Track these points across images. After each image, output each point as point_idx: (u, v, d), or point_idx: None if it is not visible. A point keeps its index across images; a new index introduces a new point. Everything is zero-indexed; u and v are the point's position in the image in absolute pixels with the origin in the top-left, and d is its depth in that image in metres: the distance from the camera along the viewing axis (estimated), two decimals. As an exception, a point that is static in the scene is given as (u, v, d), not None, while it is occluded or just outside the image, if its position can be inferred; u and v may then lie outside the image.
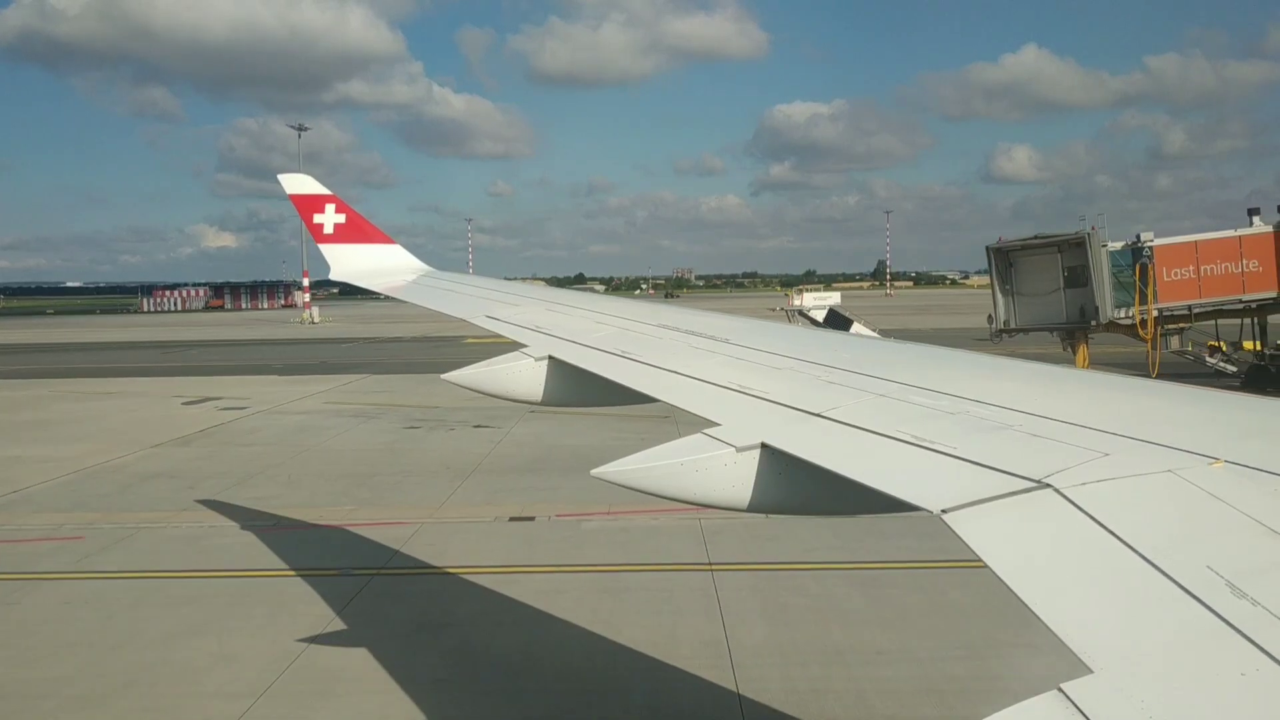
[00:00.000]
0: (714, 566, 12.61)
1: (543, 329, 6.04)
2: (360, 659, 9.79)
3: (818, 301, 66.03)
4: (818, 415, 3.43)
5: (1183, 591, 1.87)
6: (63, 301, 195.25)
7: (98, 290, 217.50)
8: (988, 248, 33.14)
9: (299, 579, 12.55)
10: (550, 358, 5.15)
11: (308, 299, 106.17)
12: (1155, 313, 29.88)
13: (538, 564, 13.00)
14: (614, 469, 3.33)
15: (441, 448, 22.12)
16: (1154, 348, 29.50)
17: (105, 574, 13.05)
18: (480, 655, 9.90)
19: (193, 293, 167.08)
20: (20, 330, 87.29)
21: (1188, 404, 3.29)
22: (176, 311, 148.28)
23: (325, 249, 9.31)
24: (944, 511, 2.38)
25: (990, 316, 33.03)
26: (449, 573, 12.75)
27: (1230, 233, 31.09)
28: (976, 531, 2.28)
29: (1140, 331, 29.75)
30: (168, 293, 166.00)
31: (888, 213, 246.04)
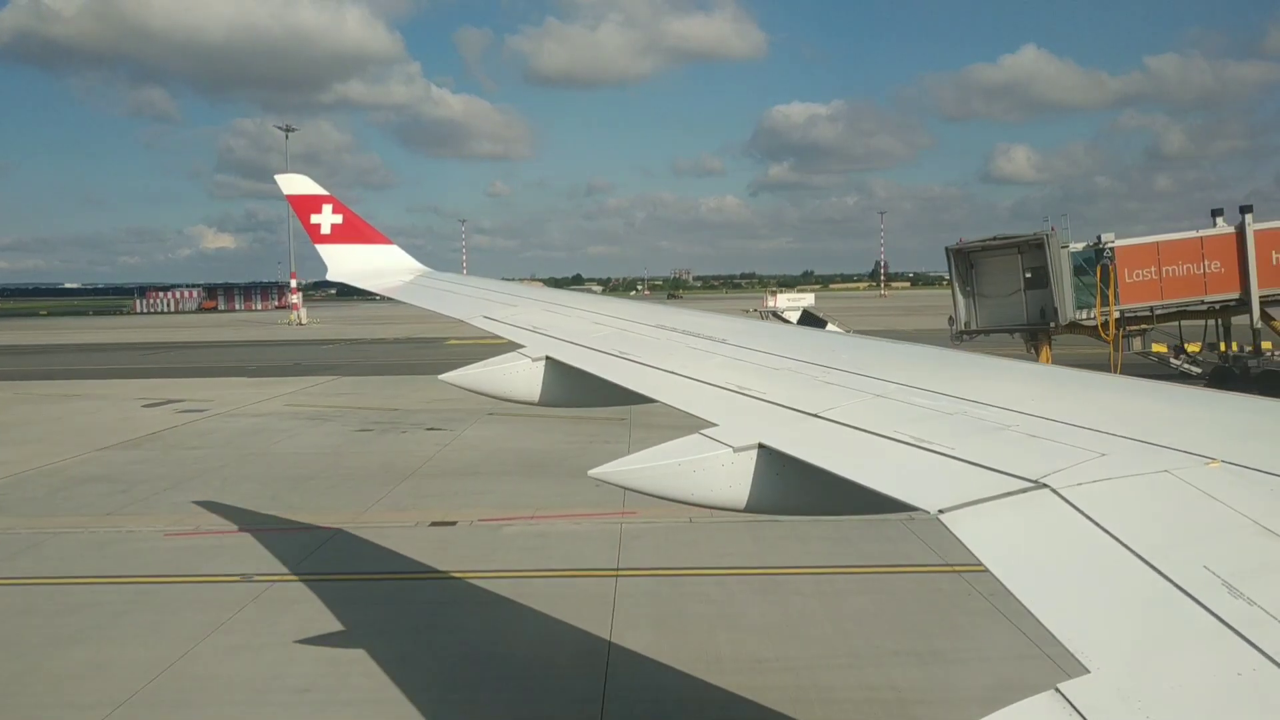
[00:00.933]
0: (621, 572, 12.46)
1: (540, 329, 6.04)
2: (233, 668, 9.61)
3: (791, 303, 66.97)
4: (815, 416, 3.43)
5: (1179, 591, 1.87)
6: (60, 303, 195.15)
7: (96, 291, 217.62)
8: (947, 249, 33.00)
9: (198, 585, 12.37)
10: (548, 358, 5.15)
11: (295, 300, 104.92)
12: (1117, 314, 29.76)
13: (444, 570, 12.76)
14: (611, 469, 3.32)
15: (387, 451, 21.97)
16: (1116, 349, 29.42)
17: (4, 580, 12.85)
18: (354, 664, 9.65)
19: (186, 294, 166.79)
20: (8, 332, 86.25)
21: (1184, 405, 3.30)
22: (169, 313, 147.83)
23: (322, 249, 9.29)
24: (941, 512, 2.38)
25: (951, 318, 32.72)
26: (350, 579, 12.60)
27: (1192, 234, 30.95)
28: (973, 532, 2.28)
29: (1101, 333, 29.66)
30: (161, 294, 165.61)
31: (882, 213, 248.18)
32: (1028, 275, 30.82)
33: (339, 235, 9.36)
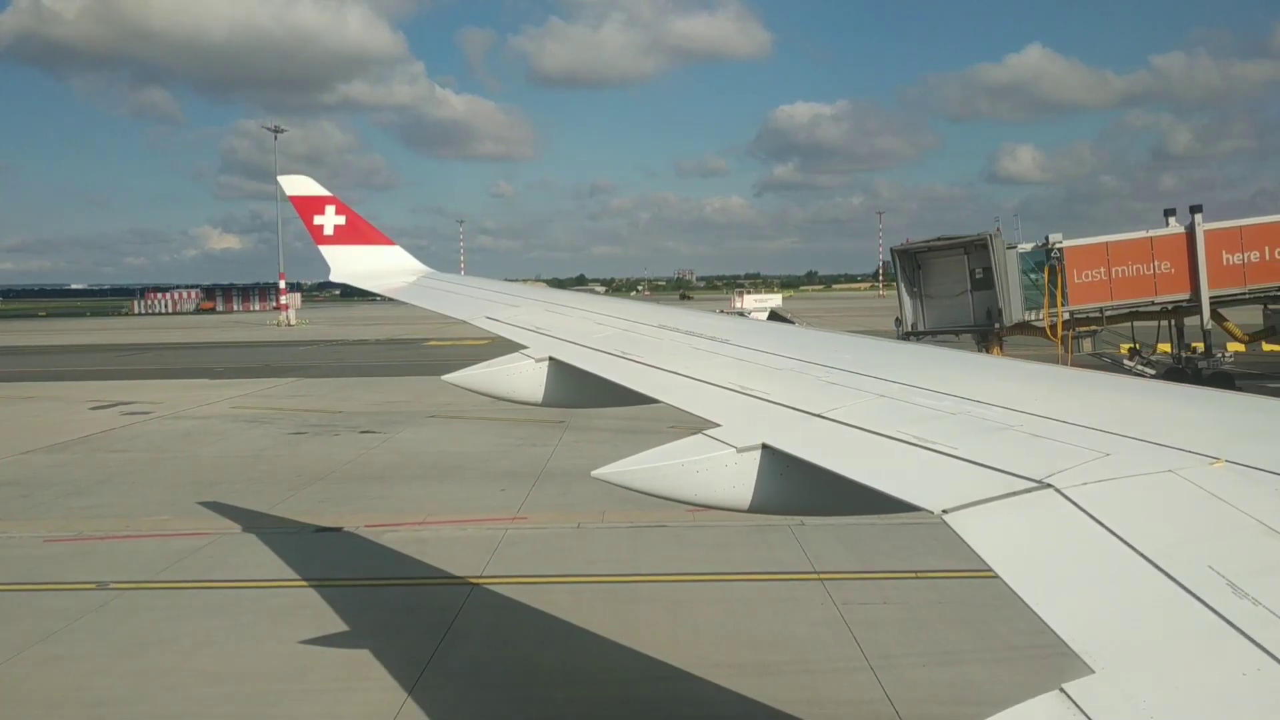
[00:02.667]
0: (484, 579, 12.26)
1: (543, 330, 6.06)
2: (51, 676, 9.40)
3: (759, 304, 67.97)
4: (818, 416, 3.43)
5: (1184, 591, 1.87)
6: (63, 304, 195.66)
7: (102, 293, 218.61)
8: (892, 249, 32.92)
9: (50, 593, 12.13)
10: (551, 359, 5.15)
11: (284, 300, 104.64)
12: (1066, 315, 29.62)
13: (306, 578, 12.47)
14: (614, 470, 3.32)
15: (310, 454, 21.68)
16: (1067, 350, 29.30)
17: None
18: (169, 674, 9.40)
19: (184, 295, 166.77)
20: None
21: (1188, 404, 3.29)
22: (166, 314, 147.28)
23: (325, 251, 9.30)
24: (945, 512, 2.38)
25: (897, 319, 32.47)
26: (208, 588, 12.30)
27: (1141, 234, 30.72)
28: (977, 532, 2.28)
29: (1049, 334, 29.50)
30: (158, 295, 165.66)
31: (880, 214, 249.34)
32: (978, 276, 30.64)
33: (342, 236, 9.36)
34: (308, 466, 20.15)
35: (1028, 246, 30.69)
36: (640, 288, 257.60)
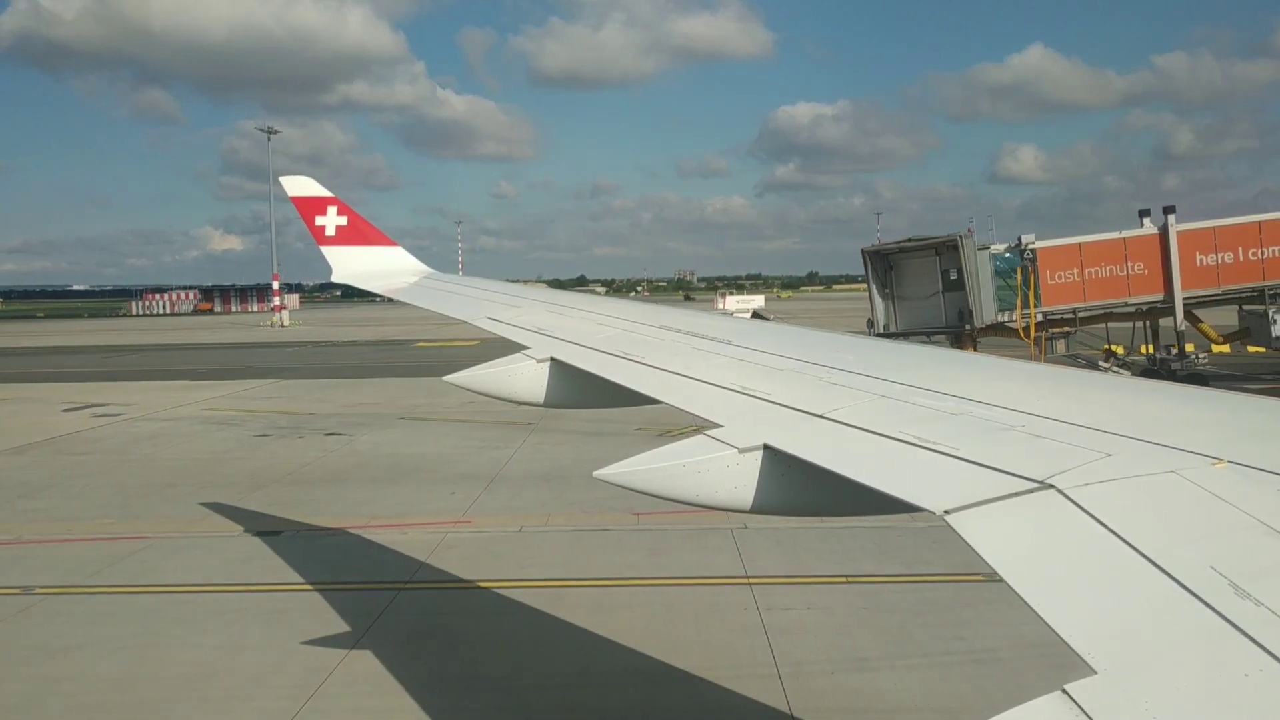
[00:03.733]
0: (411, 585, 12.12)
1: (544, 331, 6.06)
2: None
3: (741, 305, 68.85)
4: (820, 416, 3.43)
5: (1186, 592, 1.87)
6: (63, 305, 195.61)
7: (103, 293, 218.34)
8: (863, 250, 32.81)
9: None
10: (552, 360, 5.16)
11: (278, 302, 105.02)
12: (1039, 316, 29.55)
13: (233, 583, 12.41)
14: (616, 471, 3.32)
15: (268, 457, 21.51)
16: (1040, 351, 29.27)
17: None
18: (69, 681, 9.29)
19: (182, 296, 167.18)
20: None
21: (1190, 405, 3.30)
22: (164, 315, 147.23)
23: (327, 251, 9.30)
24: (946, 512, 2.38)
25: (869, 321, 32.35)
26: (133, 593, 12.11)
27: (1114, 234, 30.66)
28: (979, 532, 2.28)
29: (1022, 335, 29.46)
30: (156, 296, 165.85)
31: (878, 214, 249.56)
32: (952, 277, 30.59)
33: (344, 237, 9.37)
34: (264, 469, 20.04)
35: (1001, 247, 30.62)
36: (639, 288, 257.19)
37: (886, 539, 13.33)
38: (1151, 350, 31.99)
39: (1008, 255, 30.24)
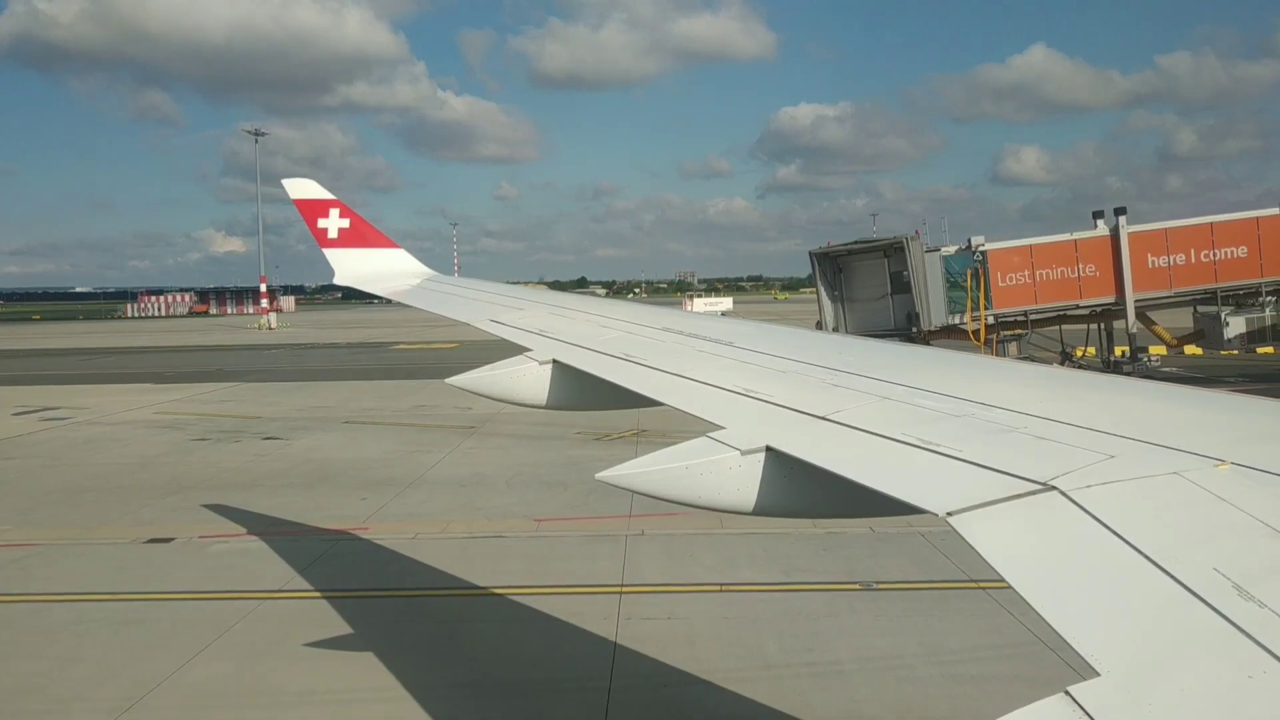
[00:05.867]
0: (278, 594, 11.91)
1: (547, 333, 6.06)
2: None
3: (709, 307, 69.22)
4: (822, 418, 3.43)
5: (1189, 594, 1.87)
6: (68, 307, 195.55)
7: (106, 296, 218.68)
8: (811, 252, 32.72)
9: None
10: (555, 362, 5.16)
11: (264, 304, 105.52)
12: (990, 319, 29.47)
13: (104, 591, 12.27)
14: (619, 473, 3.32)
15: (197, 462, 21.41)
16: (991, 354, 28.98)
17: None
18: None
19: (178, 298, 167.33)
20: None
21: (1193, 406, 3.29)
22: (158, 317, 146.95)
23: (329, 253, 9.31)
24: (949, 514, 2.38)
25: (818, 324, 32.19)
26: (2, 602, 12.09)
27: (1065, 236, 30.59)
28: (982, 534, 2.28)
29: (972, 338, 29.36)
30: (152, 298, 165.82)
31: (873, 215, 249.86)
32: (905, 279, 30.49)
33: (346, 239, 9.37)
34: (186, 475, 19.91)
35: (951, 249, 30.57)
36: (636, 290, 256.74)
37: (771, 544, 13.28)
38: (1106, 352, 31.95)
39: (958, 257, 30.16)
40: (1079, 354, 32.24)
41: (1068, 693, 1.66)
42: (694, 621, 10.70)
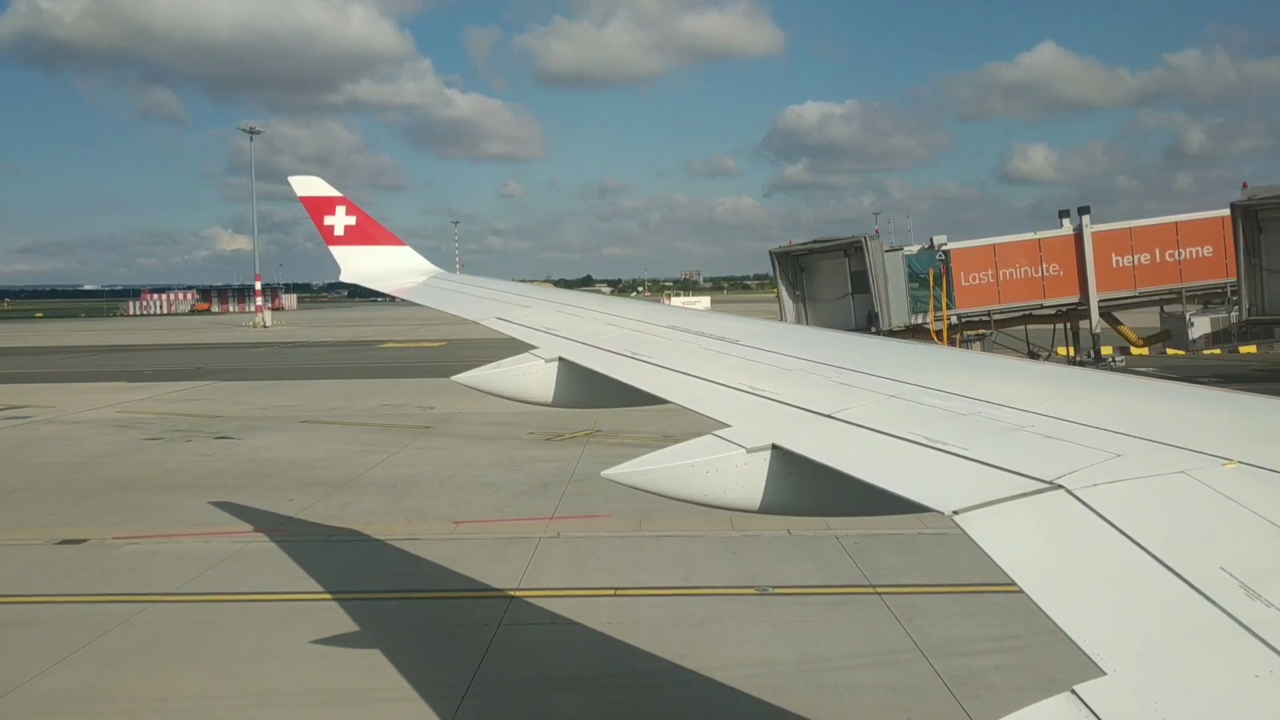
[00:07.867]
0: (172, 597, 11.69)
1: (553, 331, 6.06)
2: None
3: (688, 305, 70.57)
4: (829, 416, 3.43)
5: (1196, 593, 1.86)
6: (74, 304, 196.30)
7: (113, 293, 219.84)
8: (771, 251, 32.59)
9: None
10: (560, 359, 5.16)
11: (259, 302, 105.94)
12: (954, 319, 29.27)
13: (4, 594, 12.06)
14: (624, 471, 3.32)
15: (140, 462, 21.14)
16: None
17: None
18: None
19: (180, 296, 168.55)
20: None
21: (1200, 405, 3.29)
22: (159, 315, 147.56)
23: (335, 251, 9.32)
24: (955, 513, 2.38)
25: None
26: None
27: (1029, 235, 30.37)
28: (988, 532, 2.28)
29: (934, 338, 28.97)
30: (153, 296, 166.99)
31: (876, 214, 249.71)
32: (867, 279, 30.30)
33: (352, 237, 9.38)
34: (122, 475, 19.71)
35: (914, 249, 30.44)
36: (640, 289, 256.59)
37: (689, 548, 13.06)
38: (1072, 352, 31.51)
39: (921, 256, 29.97)
40: (1044, 357, 31.84)
41: (1074, 691, 1.66)
42: (575, 628, 10.41)
